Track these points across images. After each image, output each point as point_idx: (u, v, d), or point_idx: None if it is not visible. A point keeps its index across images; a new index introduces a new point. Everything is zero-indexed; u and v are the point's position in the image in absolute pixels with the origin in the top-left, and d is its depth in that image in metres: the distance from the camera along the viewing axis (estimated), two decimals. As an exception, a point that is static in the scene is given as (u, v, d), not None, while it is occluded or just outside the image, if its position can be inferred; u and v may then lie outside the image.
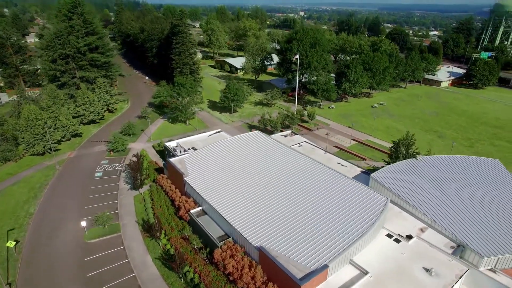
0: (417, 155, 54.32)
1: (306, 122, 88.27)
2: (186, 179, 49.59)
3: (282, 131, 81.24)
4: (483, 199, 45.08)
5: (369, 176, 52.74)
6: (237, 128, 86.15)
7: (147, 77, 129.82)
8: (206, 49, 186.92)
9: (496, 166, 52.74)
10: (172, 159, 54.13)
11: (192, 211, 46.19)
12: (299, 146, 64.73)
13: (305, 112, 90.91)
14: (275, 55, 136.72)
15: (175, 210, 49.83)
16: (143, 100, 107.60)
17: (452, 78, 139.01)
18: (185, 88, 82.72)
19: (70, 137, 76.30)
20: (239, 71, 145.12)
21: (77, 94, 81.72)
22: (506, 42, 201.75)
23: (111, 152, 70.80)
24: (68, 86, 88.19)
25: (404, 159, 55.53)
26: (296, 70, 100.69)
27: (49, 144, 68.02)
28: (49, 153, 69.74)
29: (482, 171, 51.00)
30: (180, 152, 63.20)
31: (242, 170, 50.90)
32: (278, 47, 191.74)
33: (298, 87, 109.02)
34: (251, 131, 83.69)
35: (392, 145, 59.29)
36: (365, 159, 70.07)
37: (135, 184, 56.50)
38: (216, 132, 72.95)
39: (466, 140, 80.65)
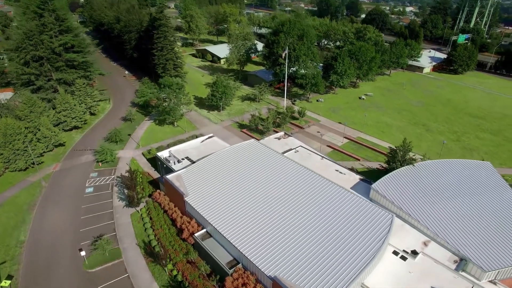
0: (414, 162, 54.93)
1: (297, 119, 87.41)
2: (186, 199, 48.22)
3: (275, 131, 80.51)
4: (480, 208, 46.59)
5: (369, 185, 53.50)
6: (227, 129, 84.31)
7: (127, 72, 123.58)
8: (184, 36, 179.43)
9: (489, 170, 54.41)
10: (169, 177, 52.26)
11: (196, 234, 45.21)
12: (295, 152, 64.16)
13: (295, 108, 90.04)
14: (260, 45, 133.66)
15: (177, 231, 48.71)
16: (125, 98, 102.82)
17: (433, 63, 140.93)
18: (172, 90, 79.23)
19: (53, 148, 72.14)
20: (221, 60, 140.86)
21: (56, 100, 76.65)
22: (480, 22, 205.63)
23: (100, 163, 67.65)
24: (44, 89, 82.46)
25: (401, 164, 56.26)
26: (283, 64, 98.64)
27: (32, 159, 64.13)
28: (32, 167, 65.92)
29: (477, 177, 52.47)
30: (174, 162, 61.39)
31: (244, 187, 49.98)
32: (259, 31, 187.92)
33: (287, 82, 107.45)
34: (241, 131, 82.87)
35: (389, 150, 59.71)
36: (359, 160, 70.61)
37: (131, 202, 54.44)
38: (209, 137, 71.04)
39: (452, 133, 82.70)
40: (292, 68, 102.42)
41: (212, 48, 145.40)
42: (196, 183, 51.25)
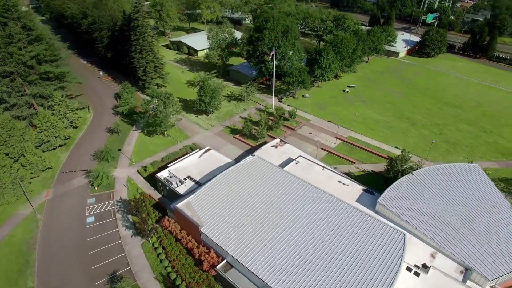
0: (412, 171, 57.71)
1: (287, 120, 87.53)
2: (202, 230, 48.20)
3: (269, 135, 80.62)
4: (477, 216, 50.53)
5: (371, 195, 56.10)
6: (220, 135, 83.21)
7: (101, 72, 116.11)
8: (155, 24, 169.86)
9: (478, 174, 58.49)
10: (179, 206, 51.56)
11: (218, 267, 45.71)
12: (296, 164, 65.08)
13: (285, 108, 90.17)
14: (237, 33, 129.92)
15: (195, 261, 48.89)
16: (106, 104, 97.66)
17: (407, 47, 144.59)
18: (161, 100, 76.11)
19: (40, 173, 68.11)
20: (198, 52, 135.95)
21: (36, 119, 71.40)
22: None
23: (96, 187, 65.03)
24: (18, 106, 76.30)
25: (400, 172, 59.00)
26: (269, 61, 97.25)
27: (22, 191, 60.45)
28: (22, 197, 62.23)
29: (469, 183, 56.27)
30: (176, 184, 60.50)
31: (256, 211, 50.57)
32: (231, 15, 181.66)
33: (270, 77, 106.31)
34: (234, 137, 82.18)
35: (388, 160, 62.28)
36: (354, 162, 72.96)
37: (141, 233, 53.34)
38: (206, 151, 70.13)
39: (435, 126, 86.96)
40: (276, 62, 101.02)
41: (187, 40, 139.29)
42: (207, 210, 51.10)
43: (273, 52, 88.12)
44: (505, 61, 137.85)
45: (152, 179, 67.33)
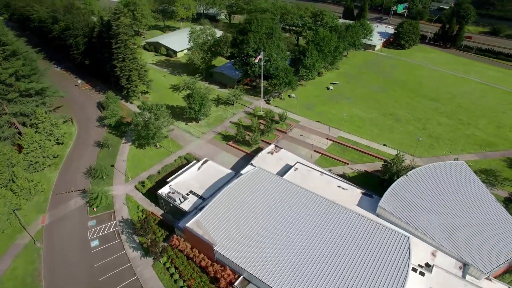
0: (407, 172, 60.97)
1: (278, 123, 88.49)
2: (216, 248, 49.00)
3: (264, 141, 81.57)
4: (469, 212, 54.59)
5: (370, 198, 59.02)
6: (213, 143, 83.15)
7: (79, 80, 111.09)
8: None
9: (465, 171, 62.71)
10: (189, 225, 51.90)
11: (236, 283, 46.91)
12: (295, 171, 66.72)
13: (275, 110, 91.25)
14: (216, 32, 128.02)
15: (210, 279, 49.75)
16: (89, 115, 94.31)
17: (383, 40, 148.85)
18: (153, 113, 74.70)
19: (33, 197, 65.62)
20: (178, 53, 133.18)
21: (22, 140, 68.19)
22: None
23: (94, 208, 63.67)
24: (-1, 127, 72.49)
25: (395, 173, 62.17)
26: (254, 64, 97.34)
27: (18, 220, 58.26)
28: (17, 225, 59.96)
29: (458, 180, 60.27)
30: (179, 200, 60.53)
31: (265, 224, 51.89)
32: (205, 10, 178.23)
33: (256, 79, 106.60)
34: (228, 144, 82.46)
35: (383, 163, 65.32)
36: (347, 163, 75.69)
37: (152, 255, 53.12)
38: (204, 162, 70.15)
39: (417, 121, 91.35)
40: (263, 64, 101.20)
41: (165, 40, 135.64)
42: (218, 227, 51.84)
43: (261, 56, 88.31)
44: (472, 50, 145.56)
45: (151, 195, 66.83)
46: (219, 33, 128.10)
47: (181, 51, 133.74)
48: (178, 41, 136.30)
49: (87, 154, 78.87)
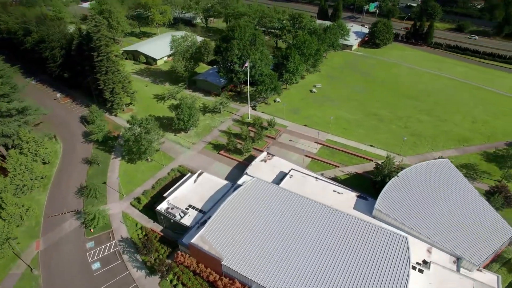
0: (397, 173, 63.97)
1: (266, 129, 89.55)
2: (224, 263, 49.66)
3: (255, 149, 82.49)
4: (458, 208, 58.25)
5: (365, 200, 61.79)
6: (204, 153, 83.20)
7: (58, 94, 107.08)
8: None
9: (450, 168, 66.63)
10: (194, 241, 52.19)
11: (246, 297, 47.85)
12: (290, 178, 68.25)
13: (262, 116, 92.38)
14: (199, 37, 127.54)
15: (219, 293, 50.39)
16: (72, 130, 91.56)
17: (358, 39, 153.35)
18: (143, 127, 73.79)
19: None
20: (158, 61, 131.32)
21: (7, 163, 65.55)
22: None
23: (91, 229, 62.38)
24: (-19, 150, 69.25)
25: (387, 175, 65.05)
26: (239, 71, 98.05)
27: (12, 249, 56.28)
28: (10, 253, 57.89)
29: (445, 178, 64.01)
30: (179, 215, 60.57)
31: (269, 234, 53.04)
32: (181, 15, 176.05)
33: (240, 85, 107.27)
34: (219, 153, 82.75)
35: (375, 165, 68.10)
36: (338, 166, 78.08)
37: (160, 273, 52.87)
38: (199, 175, 70.23)
39: (399, 120, 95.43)
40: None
41: (144, 48, 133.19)
42: (223, 241, 52.49)
43: (247, 64, 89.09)
44: (442, 47, 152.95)
45: (148, 211, 66.36)
46: (198, 38, 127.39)
47: (161, 58, 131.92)
48: (157, 48, 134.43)
49: (75, 172, 76.84)
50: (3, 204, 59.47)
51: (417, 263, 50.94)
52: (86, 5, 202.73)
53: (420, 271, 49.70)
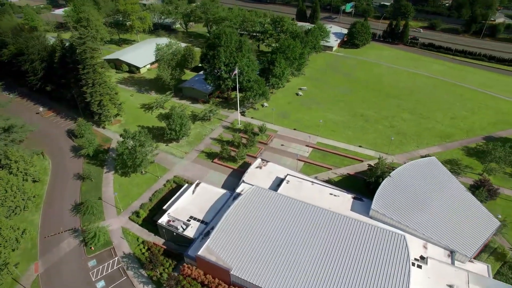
0: (389, 173, 66.86)
1: (257, 134, 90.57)
2: (233, 273, 50.59)
3: (251, 156, 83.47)
4: (449, 204, 61.63)
5: (361, 201, 64.35)
6: (198, 162, 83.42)
7: (41, 108, 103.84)
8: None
9: (437, 166, 70.27)
10: (201, 253, 52.74)
11: (257, 304, 48.98)
12: (287, 183, 69.85)
13: (248, 119, 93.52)
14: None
15: (229, 303, 51.27)
16: (60, 145, 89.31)
17: (338, 40, 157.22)
18: (137, 140, 73.27)
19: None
20: (141, 69, 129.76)
21: (-2, 185, 63.60)
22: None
23: (92, 247, 61.59)
24: (-32, 172, 66.58)
25: (380, 176, 67.85)
26: (227, 78, 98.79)
27: (11, 275, 54.86)
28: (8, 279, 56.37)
29: (434, 175, 67.48)
30: (182, 227, 60.89)
31: (275, 241, 54.31)
32: (160, 20, 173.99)
33: (228, 91, 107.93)
34: (213, 162, 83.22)
35: (368, 167, 70.81)
36: (330, 169, 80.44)
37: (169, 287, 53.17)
38: (197, 185, 70.55)
39: (385, 119, 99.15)
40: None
41: (126, 56, 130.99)
42: (230, 251, 53.34)
43: (235, 72, 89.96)
44: (417, 45, 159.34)
45: (148, 224, 66.21)
46: (181, 45, 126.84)
47: (144, 66, 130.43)
48: (139, 56, 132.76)
49: (68, 189, 75.30)
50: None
51: (415, 259, 53.75)
52: (59, 11, 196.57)
53: (419, 266, 52.50)
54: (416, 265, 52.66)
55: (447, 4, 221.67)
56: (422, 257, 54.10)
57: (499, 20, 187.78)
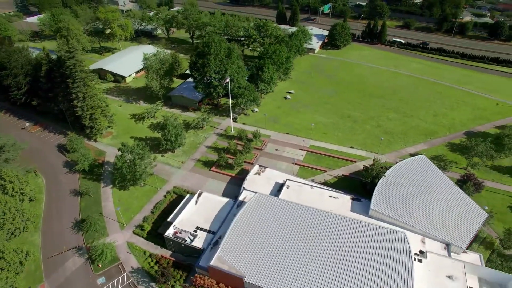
0: (385, 173, 70.33)
1: (251, 140, 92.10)
2: (247, 280, 52.17)
3: (247, 162, 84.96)
4: (439, 198, 65.75)
5: (359, 201, 67.51)
6: (196, 171, 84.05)
7: (27, 123, 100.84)
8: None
9: (427, 163, 74.52)
10: (213, 263, 53.98)
11: (272, 309, 50.80)
12: (287, 188, 72.02)
13: (240, 126, 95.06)
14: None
15: (244, 310, 52.83)
16: (51, 161, 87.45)
17: (320, 42, 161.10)
18: (136, 153, 73.18)
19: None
20: (126, 78, 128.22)
21: (-4, 209, 62.06)
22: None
23: (99, 265, 61.33)
24: (-39, 197, 64.44)
25: (375, 176, 71.18)
26: (217, 86, 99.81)
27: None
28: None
29: (425, 173, 71.61)
30: (189, 239, 61.80)
31: (284, 246, 56.35)
32: (140, 27, 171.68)
33: (219, 97, 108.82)
34: (211, 170, 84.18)
35: (363, 168, 74.03)
36: (326, 171, 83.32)
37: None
38: (199, 195, 71.37)
39: (371, 120, 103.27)
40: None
41: (110, 66, 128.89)
42: (240, 259, 54.90)
43: (227, 80, 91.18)
44: (395, 44, 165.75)
45: (153, 237, 66.56)
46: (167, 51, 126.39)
47: (130, 75, 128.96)
48: (124, 64, 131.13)
49: (66, 206, 74.24)
50: (1, 254, 56.47)
51: (415, 254, 57.21)
52: (32, 19, 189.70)
53: (419, 261, 55.98)
54: (417, 259, 56.10)
55: (419, 3, 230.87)
56: (421, 252, 57.64)
57: (466, 18, 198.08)
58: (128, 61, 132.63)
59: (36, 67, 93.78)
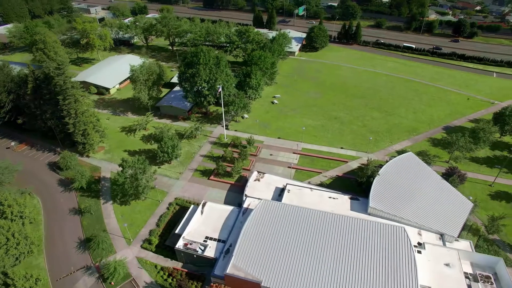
0: (378, 172, 74.89)
1: (245, 147, 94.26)
2: (264, 284, 54.56)
3: (243, 169, 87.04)
4: (430, 191, 71.10)
5: (357, 200, 71.64)
6: (195, 181, 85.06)
7: (12, 142, 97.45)
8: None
9: (415, 160, 80.00)
10: (229, 272, 55.92)
11: (290, 310, 53.52)
12: (288, 192, 74.96)
13: (233, 133, 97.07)
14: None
15: (263, 314, 55.19)
16: (45, 181, 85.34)
17: (299, 45, 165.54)
18: (137, 167, 73.45)
19: (33, 291, 59.67)
20: (110, 90, 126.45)
21: (-1, 235, 60.60)
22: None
23: (111, 282, 61.50)
24: (-42, 225, 62.28)
25: (370, 175, 75.55)
26: (208, 94, 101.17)
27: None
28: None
29: (414, 169, 76.92)
30: (200, 249, 63.33)
31: (294, 249, 59.14)
32: (117, 35, 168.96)
33: (207, 106, 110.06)
34: (209, 179, 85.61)
35: (358, 168, 78.22)
36: (321, 172, 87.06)
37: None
38: (203, 205, 72.67)
39: (357, 120, 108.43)
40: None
41: (92, 78, 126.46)
42: (255, 265, 57.13)
43: (220, 90, 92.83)
44: (369, 44, 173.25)
45: (162, 250, 67.31)
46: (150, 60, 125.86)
47: (113, 87, 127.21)
48: (106, 76, 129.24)
49: (67, 226, 73.27)
50: (10, 281, 55.57)
51: (415, 245, 61.93)
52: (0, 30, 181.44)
53: (419, 252, 60.69)
54: (416, 251, 60.77)
55: (387, 3, 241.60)
56: (419, 243, 62.42)
57: (431, 17, 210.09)
58: (110, 72, 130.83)
59: (20, 84, 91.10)
